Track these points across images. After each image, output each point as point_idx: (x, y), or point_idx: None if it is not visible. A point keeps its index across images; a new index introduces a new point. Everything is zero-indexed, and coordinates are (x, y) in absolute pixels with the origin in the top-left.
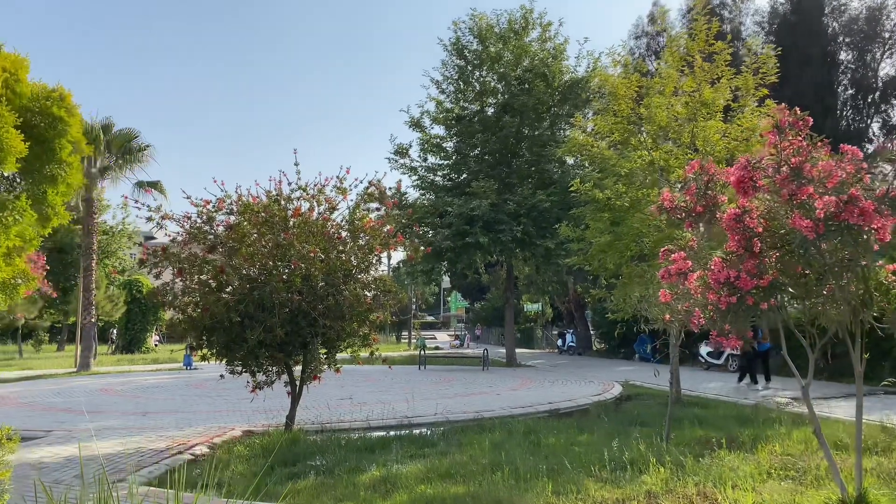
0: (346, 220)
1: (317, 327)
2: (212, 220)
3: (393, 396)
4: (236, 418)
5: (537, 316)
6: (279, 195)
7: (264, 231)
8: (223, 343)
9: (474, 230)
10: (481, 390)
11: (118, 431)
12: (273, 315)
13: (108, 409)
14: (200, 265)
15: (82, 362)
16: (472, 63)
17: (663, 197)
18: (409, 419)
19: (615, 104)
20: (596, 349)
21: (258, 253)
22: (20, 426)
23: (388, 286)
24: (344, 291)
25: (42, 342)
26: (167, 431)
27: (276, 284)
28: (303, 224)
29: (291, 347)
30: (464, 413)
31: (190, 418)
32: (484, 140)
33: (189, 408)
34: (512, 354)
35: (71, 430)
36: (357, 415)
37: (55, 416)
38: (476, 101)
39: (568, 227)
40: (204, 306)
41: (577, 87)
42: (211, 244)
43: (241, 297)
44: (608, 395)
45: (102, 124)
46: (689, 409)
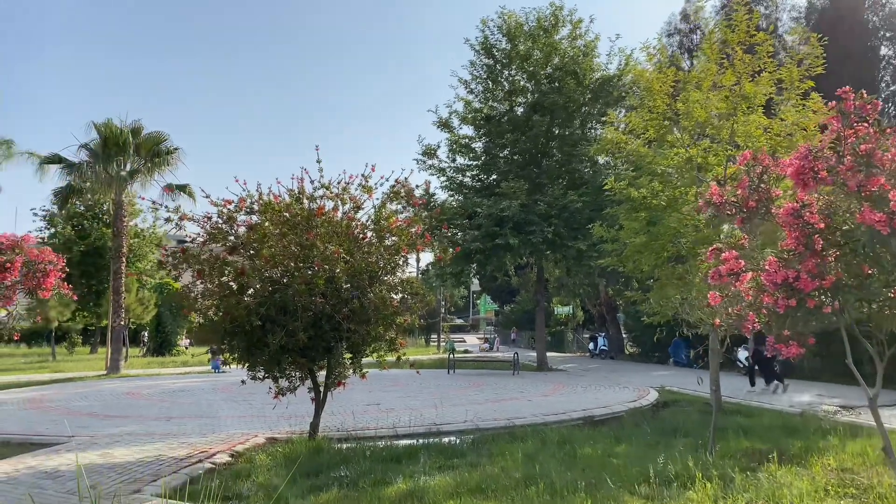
0: (372, 219)
1: (341, 331)
2: (232, 220)
3: (421, 402)
4: (260, 424)
5: (568, 319)
6: (301, 193)
7: (286, 231)
8: (244, 347)
9: (504, 231)
10: (512, 396)
11: (140, 437)
12: (295, 318)
13: (133, 413)
14: (220, 267)
15: (112, 365)
16: (501, 62)
17: (711, 191)
18: (438, 426)
19: (650, 100)
20: (629, 353)
21: (280, 254)
22: (44, 431)
23: (415, 288)
24: (369, 294)
25: (75, 345)
26: (189, 438)
27: (299, 287)
28: (326, 224)
29: (315, 352)
30: (494, 420)
31: (214, 424)
32: (513, 140)
33: (214, 413)
34: (543, 358)
35: (93, 436)
36: (384, 421)
37: (79, 420)
38: (505, 101)
39: (601, 226)
40: (225, 310)
41: (608, 85)
42: (232, 245)
43: (262, 299)
44: (644, 402)
45: (131, 128)
46: (731, 417)
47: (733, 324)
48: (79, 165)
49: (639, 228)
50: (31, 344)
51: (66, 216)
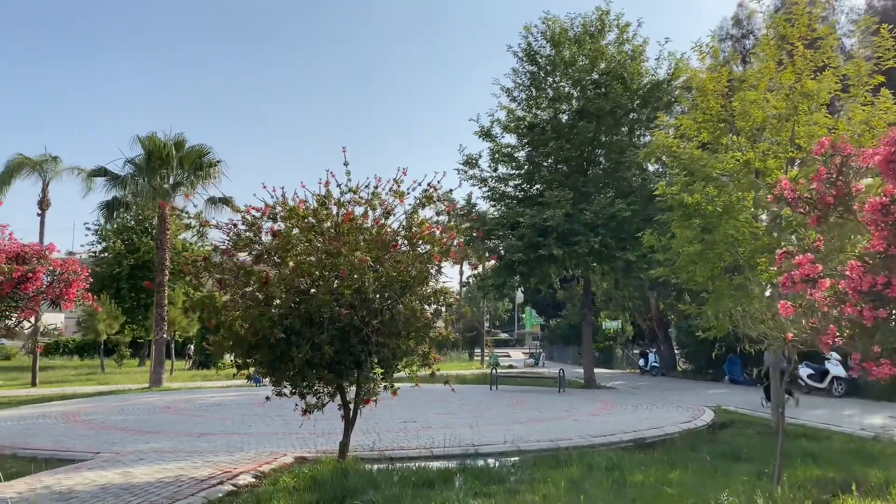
0: (403, 226)
1: (370, 345)
2: (255, 227)
3: (461, 420)
4: (291, 442)
5: (616, 334)
6: (328, 198)
7: (311, 238)
8: (268, 361)
9: (548, 242)
10: (557, 414)
11: (166, 455)
12: (321, 331)
13: (165, 429)
14: (245, 276)
15: (154, 378)
16: (545, 69)
17: (782, 184)
18: (476, 447)
19: (703, 101)
20: (681, 370)
21: (305, 262)
22: (71, 446)
23: (449, 299)
24: (399, 305)
25: (124, 357)
26: (216, 456)
27: (323, 296)
28: (355, 230)
29: (342, 367)
30: (537, 441)
31: (244, 441)
32: (557, 147)
33: (245, 429)
34: (590, 375)
35: (119, 453)
36: (420, 440)
37: (110, 435)
38: (549, 108)
39: (652, 235)
40: (248, 321)
41: (657, 90)
42: (258, 254)
43: (286, 311)
44: (699, 423)
45: (175, 141)
46: (796, 441)
47: (808, 338)
48: (123, 178)
49: (692, 237)
50: (84, 356)
51: (116, 230)
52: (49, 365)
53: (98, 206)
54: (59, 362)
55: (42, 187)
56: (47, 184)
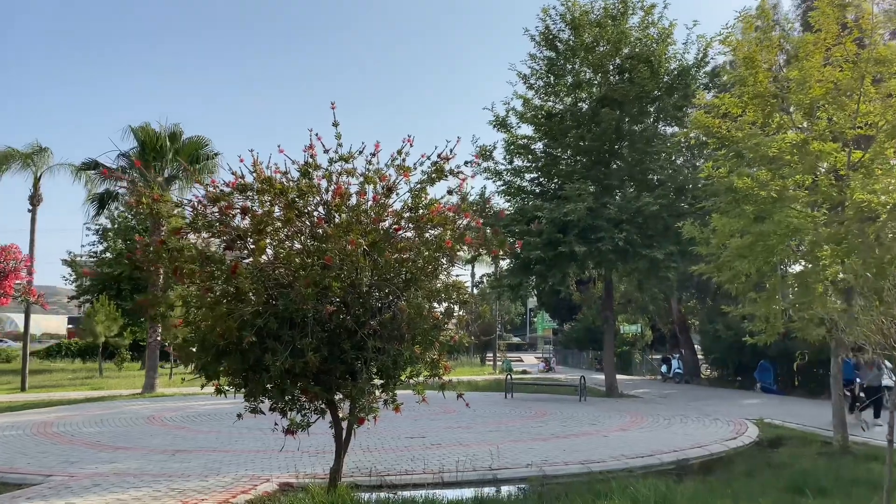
0: (408, 206)
1: (366, 351)
2: (217, 200)
3: (474, 435)
4: (278, 462)
5: (635, 339)
6: (312, 167)
7: (291, 216)
8: (239, 371)
9: (568, 239)
10: (583, 429)
11: (126, 479)
12: (304, 334)
13: (139, 443)
14: (208, 265)
15: (147, 384)
16: (564, 54)
17: None
18: (494, 472)
19: (750, 75)
20: (706, 377)
21: (281, 247)
22: (23, 466)
23: (463, 295)
24: (402, 302)
25: (124, 360)
26: (186, 482)
27: (306, 291)
28: (347, 209)
29: (332, 378)
30: (565, 465)
31: (224, 461)
32: (578, 137)
33: (230, 445)
34: (613, 382)
35: (73, 476)
36: (427, 462)
37: (75, 451)
38: (569, 96)
39: (693, 225)
40: (212, 321)
41: (685, 76)
42: (229, 238)
43: (258, 308)
44: (745, 440)
45: (170, 132)
46: (863, 464)
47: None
48: (113, 170)
49: (741, 227)
50: (86, 359)
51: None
52: (47, 368)
53: (88, 199)
54: (59, 365)
55: (33, 182)
56: (38, 178)
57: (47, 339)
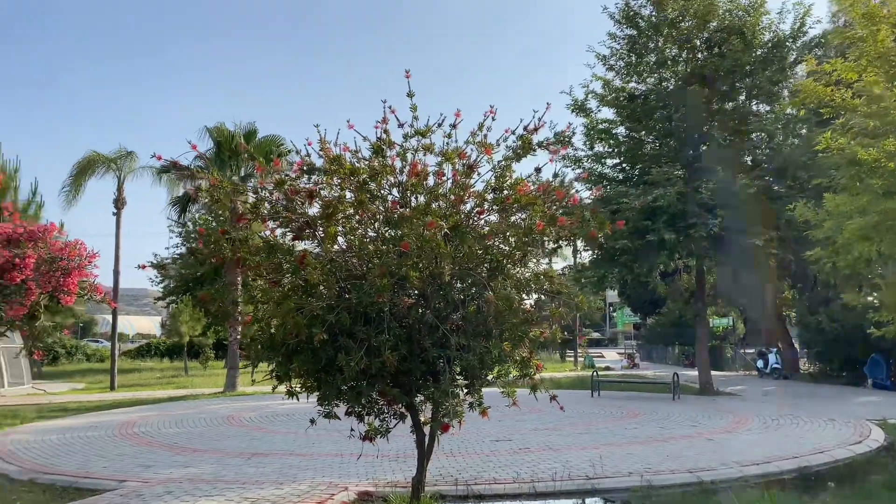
0: (492, 186)
1: (449, 349)
2: (282, 184)
3: (566, 438)
4: (357, 468)
5: (726, 332)
6: (386, 143)
7: (363, 199)
8: (311, 372)
9: (657, 226)
10: (683, 432)
11: (200, 487)
12: (380, 330)
13: (217, 446)
14: (274, 254)
15: (229, 382)
16: (646, 32)
17: None
18: (593, 482)
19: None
20: (808, 372)
21: (352, 233)
22: (98, 470)
23: (557, 285)
24: (489, 293)
25: (208, 359)
26: (260, 489)
27: (381, 282)
28: (423, 189)
29: (412, 379)
30: (671, 473)
31: (300, 466)
32: (664, 118)
33: (308, 449)
34: (707, 379)
35: (147, 482)
36: (517, 469)
37: (152, 454)
38: (652, 75)
39: (806, 206)
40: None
41: (781, 47)
42: (298, 226)
43: (330, 302)
44: (871, 444)
45: (245, 131)
46: None
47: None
48: (191, 172)
49: (863, 205)
50: (173, 358)
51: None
52: (137, 367)
53: (169, 202)
54: (148, 364)
55: (117, 186)
56: (122, 182)
57: (139, 338)
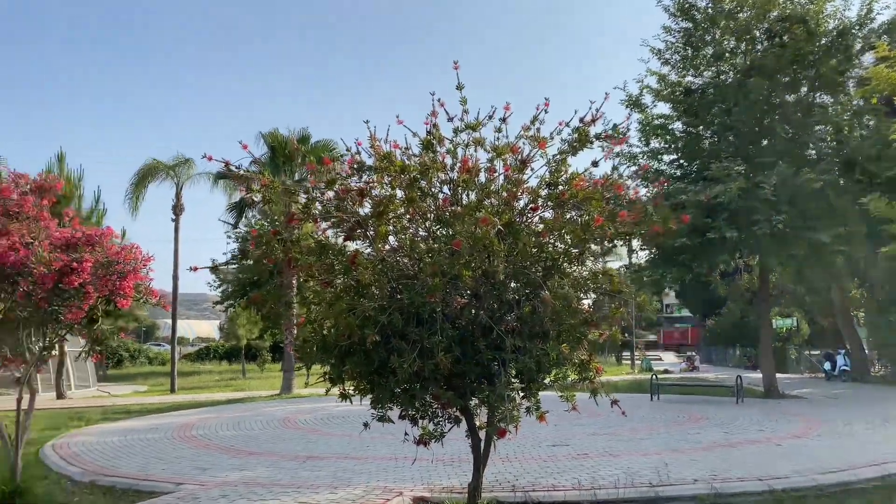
0: (546, 181)
1: (504, 351)
2: (332, 183)
3: (626, 444)
4: (412, 472)
5: (790, 333)
6: (436, 138)
7: (414, 196)
8: (364, 374)
9: (717, 223)
10: (750, 437)
11: (255, 490)
12: (433, 331)
13: (272, 448)
14: (325, 254)
15: (285, 385)
16: (702, 25)
17: None
18: (657, 489)
19: None
20: (877, 375)
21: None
22: (157, 473)
23: (616, 284)
24: (545, 292)
25: (265, 362)
26: (315, 493)
27: (434, 281)
28: (474, 185)
29: (466, 382)
30: (740, 481)
31: (355, 469)
32: (723, 112)
33: (362, 451)
34: (772, 382)
35: (204, 485)
36: (576, 475)
37: (209, 456)
38: (710, 68)
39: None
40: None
41: (847, 36)
42: (350, 226)
43: (382, 303)
44: None
45: (298, 136)
46: None
47: None
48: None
49: None
50: (232, 361)
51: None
52: (196, 370)
53: (226, 207)
54: (207, 367)
55: (176, 192)
56: (181, 188)
57: (199, 342)
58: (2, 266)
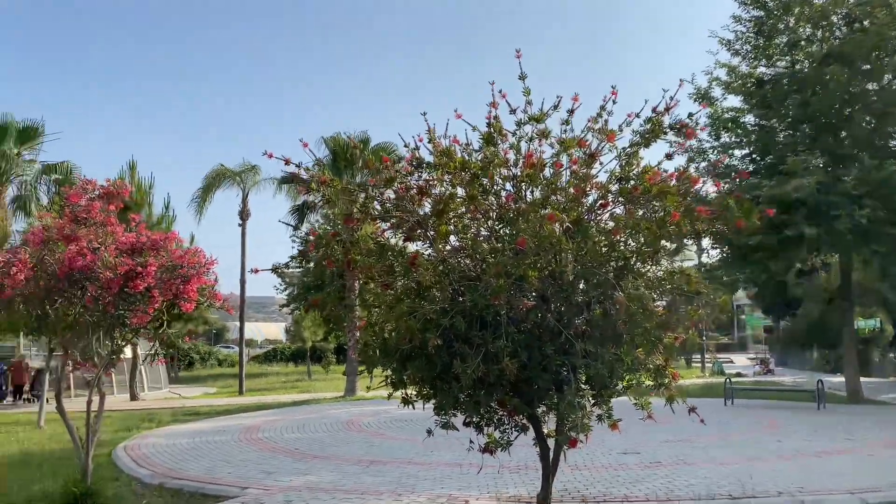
0: (616, 176)
1: (574, 356)
2: (391, 181)
3: (701, 452)
4: (477, 479)
5: (873, 335)
6: (497, 130)
7: (475, 194)
8: (426, 380)
9: (795, 219)
10: (836, 445)
11: (319, 496)
12: (497, 335)
13: (337, 452)
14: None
15: (348, 387)
16: (775, 13)
17: None
18: (739, 502)
19: None
20: None
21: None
22: (223, 476)
23: (694, 284)
24: (619, 294)
25: (330, 364)
26: (379, 500)
27: (498, 283)
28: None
29: (534, 389)
30: (829, 493)
31: (419, 475)
32: (799, 103)
33: (426, 457)
34: (856, 386)
35: (268, 489)
36: (650, 486)
37: (274, 460)
38: (784, 57)
39: None
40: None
41: None
42: (409, 226)
43: (444, 306)
44: None
45: (359, 139)
46: None
47: None
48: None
49: None
50: (297, 363)
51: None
52: (264, 372)
53: (289, 211)
54: (274, 369)
55: (242, 198)
56: (247, 194)
57: (267, 344)
58: (70, 271)
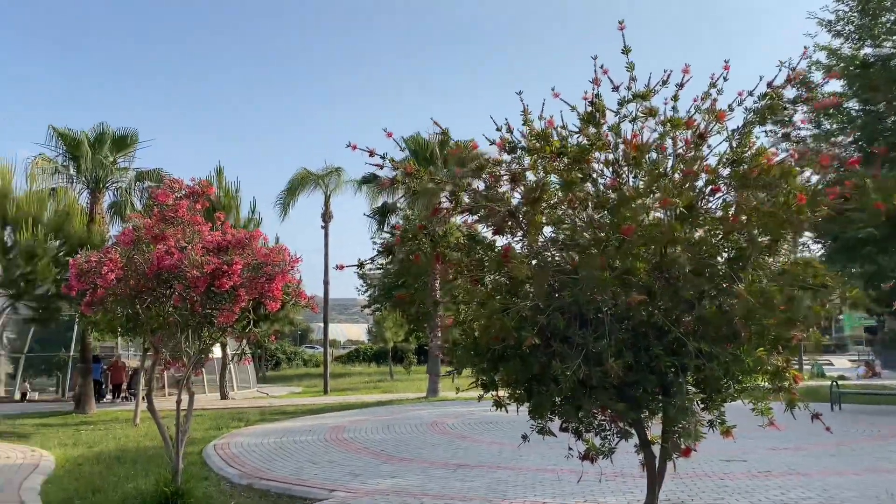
0: (728, 159)
1: (684, 356)
2: (480, 169)
3: (812, 461)
4: (574, 486)
5: None
6: (598, 108)
7: (574, 180)
8: (520, 381)
9: None
10: None
11: (407, 501)
12: (601, 334)
13: (422, 454)
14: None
15: (431, 388)
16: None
17: None
18: None
19: None
20: None
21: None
22: (310, 478)
23: (821, 277)
24: (738, 286)
25: (412, 364)
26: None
27: (602, 276)
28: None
29: (640, 392)
30: None
31: (509, 481)
32: None
33: (516, 461)
34: None
35: (355, 492)
36: (762, 497)
37: (359, 462)
38: (891, 37)
39: None
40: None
41: None
42: (500, 217)
43: (540, 302)
44: None
45: (439, 139)
46: None
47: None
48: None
49: None
50: (380, 363)
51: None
52: (347, 372)
53: (370, 212)
54: (357, 369)
55: (324, 200)
56: (329, 196)
57: (349, 344)
58: (159, 269)
